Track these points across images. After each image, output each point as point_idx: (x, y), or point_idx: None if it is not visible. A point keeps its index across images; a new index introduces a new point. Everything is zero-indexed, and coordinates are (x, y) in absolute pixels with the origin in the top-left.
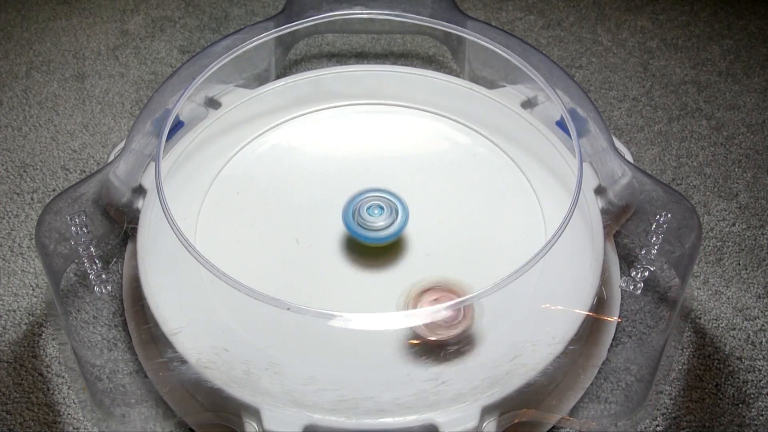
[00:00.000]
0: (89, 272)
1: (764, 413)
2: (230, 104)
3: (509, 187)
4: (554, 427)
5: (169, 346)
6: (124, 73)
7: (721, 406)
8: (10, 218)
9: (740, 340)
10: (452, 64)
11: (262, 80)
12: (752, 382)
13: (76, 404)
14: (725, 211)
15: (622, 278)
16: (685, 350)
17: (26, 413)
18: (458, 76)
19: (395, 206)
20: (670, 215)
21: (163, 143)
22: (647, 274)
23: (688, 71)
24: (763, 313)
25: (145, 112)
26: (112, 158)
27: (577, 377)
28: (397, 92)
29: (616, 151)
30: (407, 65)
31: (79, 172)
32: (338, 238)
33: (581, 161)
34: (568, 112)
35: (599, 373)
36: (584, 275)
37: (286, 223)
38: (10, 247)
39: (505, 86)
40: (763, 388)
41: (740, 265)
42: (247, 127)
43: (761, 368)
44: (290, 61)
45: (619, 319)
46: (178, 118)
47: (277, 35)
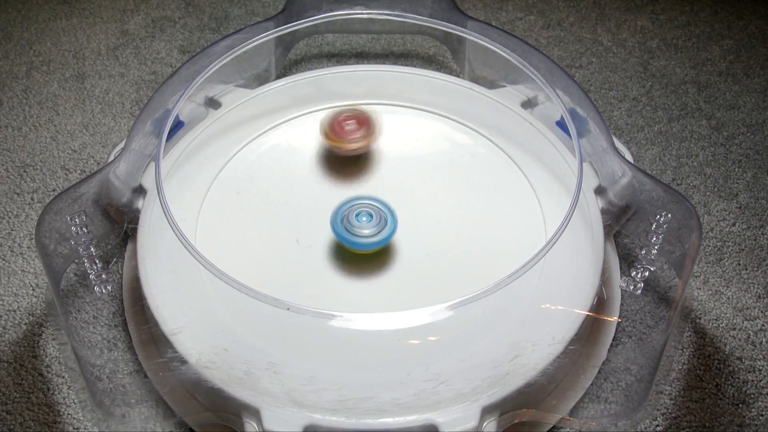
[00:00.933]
0: (89, 272)
1: (764, 413)
2: (230, 104)
3: (509, 187)
4: (554, 427)
5: (169, 346)
6: (124, 73)
7: (721, 406)
8: (10, 218)
9: (740, 340)
10: (452, 64)
11: (262, 80)
12: (752, 382)
13: (76, 404)
14: (725, 211)
15: (622, 278)
16: (685, 350)
17: (26, 413)
18: (458, 76)
19: (384, 214)
20: (670, 215)
21: (163, 143)
22: (647, 274)
23: (688, 71)
24: (763, 313)
25: (145, 112)
26: (112, 158)
27: (577, 377)
28: (397, 92)
29: (616, 151)
30: (407, 65)
31: (79, 172)
32: None
33: (581, 161)
34: (568, 112)
35: (599, 373)
36: (584, 275)
37: (286, 223)
38: (10, 247)
39: (505, 86)
40: (763, 388)
41: (740, 265)
42: (247, 127)
43: (761, 368)
44: (290, 61)
45: (619, 319)
46: (178, 118)
47: (277, 35)
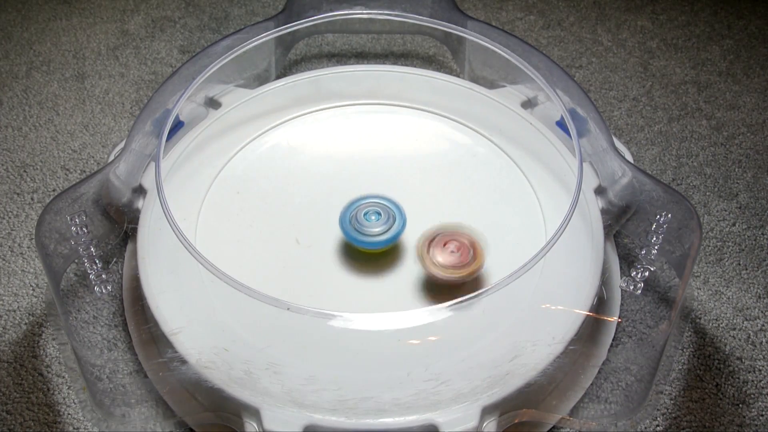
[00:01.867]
0: (89, 272)
1: (764, 413)
2: (230, 104)
3: (509, 187)
4: (554, 427)
5: (169, 346)
6: (124, 73)
7: (721, 406)
8: (10, 218)
9: (740, 340)
10: (452, 64)
11: (262, 80)
12: (752, 382)
13: (76, 404)
14: (725, 211)
15: (622, 278)
16: (685, 350)
17: (26, 413)
18: (458, 76)
19: (392, 212)
20: (670, 215)
21: (163, 143)
22: (647, 274)
23: (688, 71)
24: (763, 313)
25: (145, 112)
26: (112, 158)
27: (577, 377)
28: (397, 92)
29: (616, 151)
30: (407, 65)
31: (79, 172)
32: (338, 238)
33: (581, 161)
34: (568, 112)
35: (599, 373)
36: (584, 275)
37: (286, 223)
38: (10, 247)
39: (505, 86)
40: (763, 388)
41: (740, 265)
42: (247, 127)
43: (761, 368)
44: (290, 61)
45: (619, 319)
46: (178, 118)
47: (277, 35)
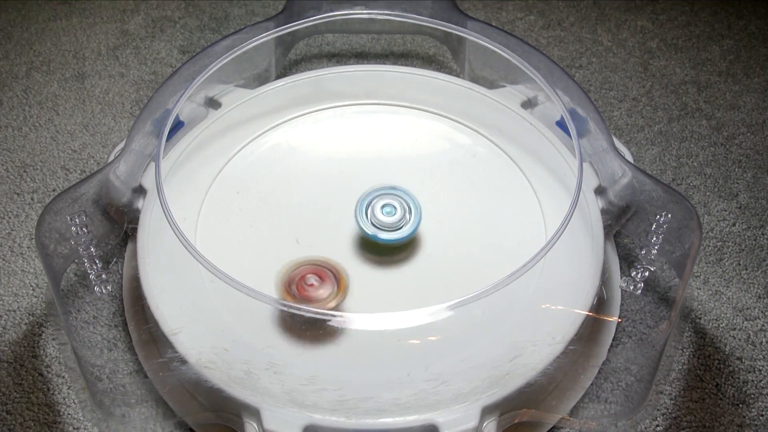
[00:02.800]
0: (89, 272)
1: (764, 413)
2: (230, 104)
3: (509, 187)
4: (554, 427)
5: (169, 346)
6: (124, 73)
7: (721, 406)
8: (10, 218)
9: (740, 340)
10: (452, 64)
11: (262, 80)
12: (752, 382)
13: (76, 404)
14: (725, 211)
15: (622, 278)
16: (685, 350)
17: (26, 413)
18: (458, 76)
19: (407, 205)
20: (670, 215)
21: (163, 143)
22: (647, 274)
23: (688, 71)
24: (763, 313)
25: (145, 112)
26: (112, 158)
27: (577, 377)
28: (397, 92)
29: (616, 151)
30: (407, 65)
31: (79, 172)
32: (338, 238)
33: (581, 161)
34: (568, 112)
35: (599, 373)
36: (584, 275)
37: (286, 223)
38: (10, 247)
39: (505, 86)
40: (763, 388)
41: (740, 265)
42: (247, 127)
43: (761, 368)
44: (290, 61)
45: (619, 319)
46: (178, 118)
47: (277, 35)
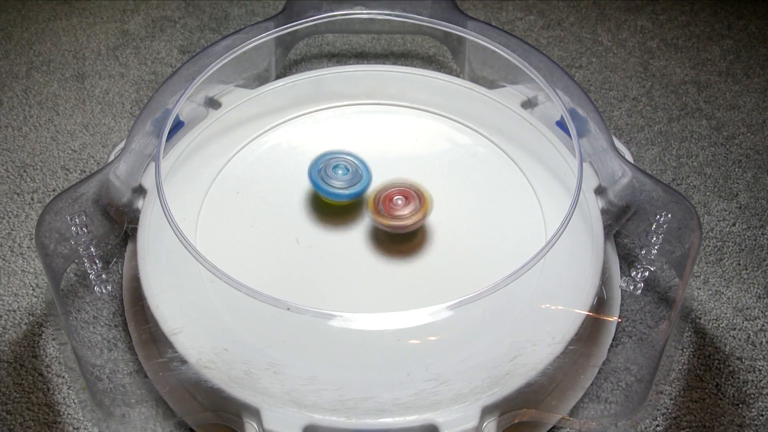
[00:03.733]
0: (89, 272)
1: (764, 413)
2: (230, 104)
3: (509, 187)
4: (554, 427)
5: (169, 346)
6: (124, 73)
7: (721, 406)
8: (10, 218)
9: (740, 340)
10: (452, 64)
11: (262, 80)
12: (752, 382)
13: (76, 404)
14: (725, 211)
15: (622, 278)
16: (685, 350)
17: (26, 413)
18: (458, 76)
19: (359, 168)
20: (670, 215)
21: (163, 143)
22: (647, 274)
23: (688, 71)
24: (763, 313)
25: (145, 112)
26: (112, 158)
27: (577, 377)
28: (397, 92)
29: (616, 151)
30: (407, 65)
31: (79, 172)
32: (338, 238)
33: (581, 161)
34: (568, 112)
35: (599, 373)
36: (584, 275)
37: (286, 223)
38: (10, 247)
39: (505, 86)
40: (763, 388)
41: (740, 265)
42: (247, 127)
43: (761, 368)
44: (290, 61)
45: (619, 319)
46: (178, 118)
47: (277, 35)
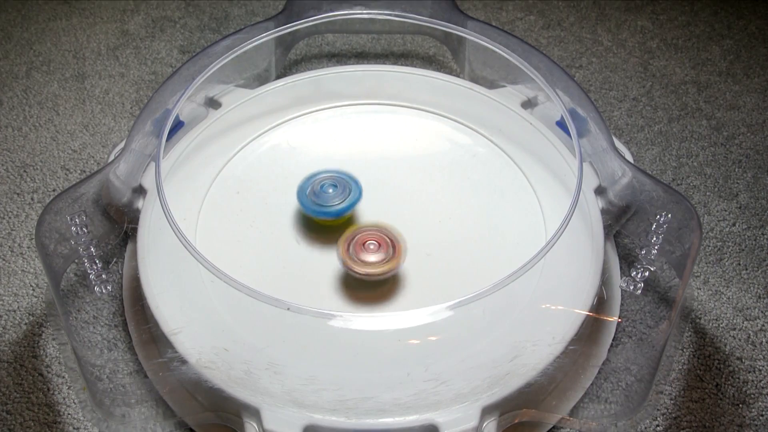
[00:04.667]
0: (89, 272)
1: (764, 413)
2: (230, 104)
3: (509, 187)
4: (554, 427)
5: (169, 346)
6: (124, 73)
7: (721, 406)
8: (10, 218)
9: (740, 340)
10: (452, 64)
11: (262, 80)
12: (752, 382)
13: (76, 404)
14: (725, 211)
15: (622, 278)
16: (685, 350)
17: (26, 413)
18: (458, 76)
19: (349, 185)
20: (670, 215)
21: (163, 143)
22: (647, 274)
23: (688, 71)
24: (763, 313)
25: (145, 112)
26: (112, 158)
27: (577, 377)
28: (397, 92)
29: (616, 151)
30: (407, 65)
31: (79, 172)
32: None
33: (581, 161)
34: (568, 112)
35: (599, 373)
36: (584, 275)
37: (286, 223)
38: (10, 247)
39: (505, 86)
40: (763, 388)
41: (740, 265)
42: (247, 127)
43: (761, 368)
44: (290, 61)
45: (619, 319)
46: (178, 118)
47: (277, 35)
